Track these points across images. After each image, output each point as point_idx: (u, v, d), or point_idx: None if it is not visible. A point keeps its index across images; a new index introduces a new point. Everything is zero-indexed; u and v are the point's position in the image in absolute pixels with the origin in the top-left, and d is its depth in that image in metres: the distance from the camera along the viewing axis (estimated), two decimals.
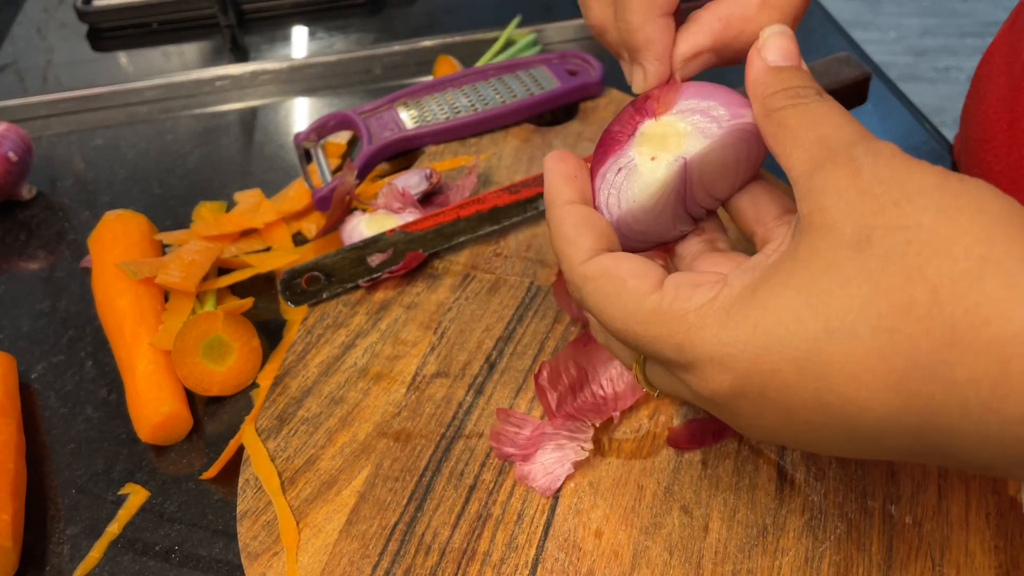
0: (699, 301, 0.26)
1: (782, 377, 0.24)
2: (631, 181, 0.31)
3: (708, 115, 0.30)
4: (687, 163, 0.30)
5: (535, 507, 0.36)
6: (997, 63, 0.52)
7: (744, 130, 0.30)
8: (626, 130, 0.31)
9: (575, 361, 0.39)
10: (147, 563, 0.38)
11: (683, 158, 0.30)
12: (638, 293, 0.28)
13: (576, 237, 0.30)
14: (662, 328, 0.27)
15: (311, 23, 0.78)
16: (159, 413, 0.41)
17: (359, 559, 0.35)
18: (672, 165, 0.30)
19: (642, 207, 0.31)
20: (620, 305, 0.28)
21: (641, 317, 0.27)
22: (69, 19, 0.81)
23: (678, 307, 0.26)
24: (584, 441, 0.37)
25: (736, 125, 0.30)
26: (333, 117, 0.56)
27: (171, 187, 0.59)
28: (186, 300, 0.45)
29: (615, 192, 0.31)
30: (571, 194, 0.31)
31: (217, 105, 0.68)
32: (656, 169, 0.30)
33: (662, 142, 0.30)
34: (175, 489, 0.41)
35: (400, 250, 0.47)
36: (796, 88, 0.28)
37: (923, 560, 0.33)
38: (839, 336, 0.23)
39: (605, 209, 0.31)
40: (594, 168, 0.32)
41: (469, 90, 0.58)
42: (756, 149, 0.31)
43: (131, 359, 0.44)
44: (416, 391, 0.41)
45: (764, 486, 0.36)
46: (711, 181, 0.31)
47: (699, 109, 0.30)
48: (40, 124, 0.67)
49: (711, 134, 0.30)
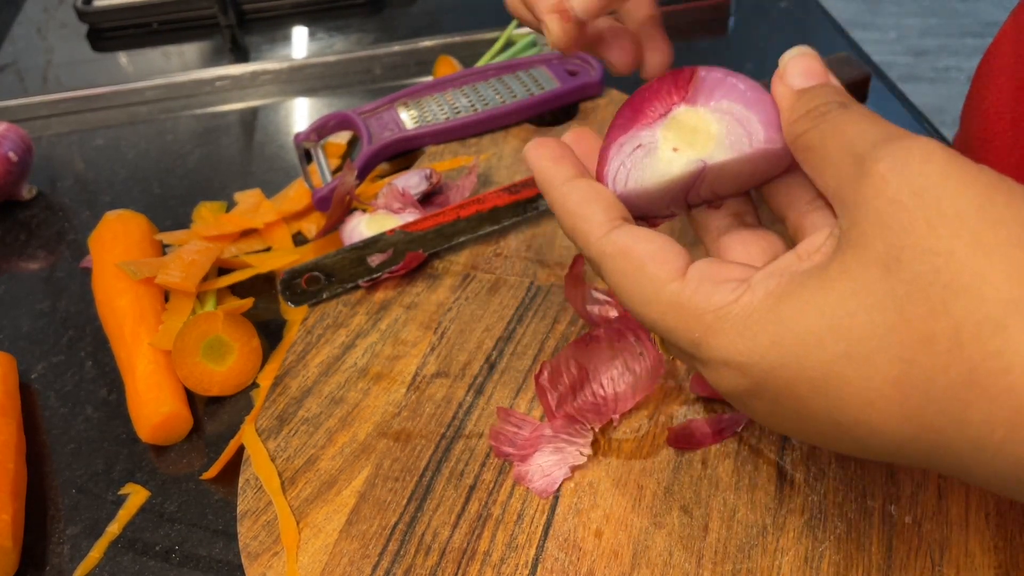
0: (719, 302, 0.26)
1: (796, 392, 0.24)
2: (645, 164, 0.30)
3: (744, 128, 0.29)
4: (705, 168, 0.29)
5: (535, 507, 0.36)
6: (997, 63, 0.52)
7: (772, 154, 0.29)
8: (658, 106, 0.30)
9: (576, 361, 0.39)
10: (147, 563, 0.38)
11: (704, 162, 0.29)
12: (657, 280, 0.27)
13: (587, 211, 0.29)
14: (679, 321, 0.26)
15: (311, 23, 0.78)
16: (159, 413, 0.41)
17: (359, 559, 0.35)
18: (691, 164, 0.29)
19: (645, 191, 0.30)
20: (638, 289, 0.27)
21: (658, 306, 0.27)
22: (69, 19, 0.81)
23: (697, 304, 0.26)
24: (583, 446, 0.37)
25: (764, 150, 0.29)
26: (333, 117, 0.56)
27: (171, 187, 0.59)
28: (186, 300, 0.45)
29: (625, 169, 0.30)
30: (566, 172, 0.30)
31: (217, 105, 0.68)
32: (674, 162, 0.30)
33: (691, 136, 0.30)
34: (175, 489, 0.41)
35: (400, 250, 0.47)
36: (817, 107, 0.27)
37: (923, 560, 0.33)
38: (857, 362, 0.23)
39: (610, 180, 0.31)
40: (613, 132, 0.31)
41: (469, 90, 0.58)
42: (777, 168, 0.30)
43: (131, 359, 0.44)
44: (416, 391, 0.41)
45: (764, 486, 0.36)
46: (720, 185, 0.31)
47: (738, 117, 0.29)
48: (40, 124, 0.67)
49: (740, 150, 0.29)
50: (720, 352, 0.25)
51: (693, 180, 0.30)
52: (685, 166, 0.29)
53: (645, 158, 0.30)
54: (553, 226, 0.49)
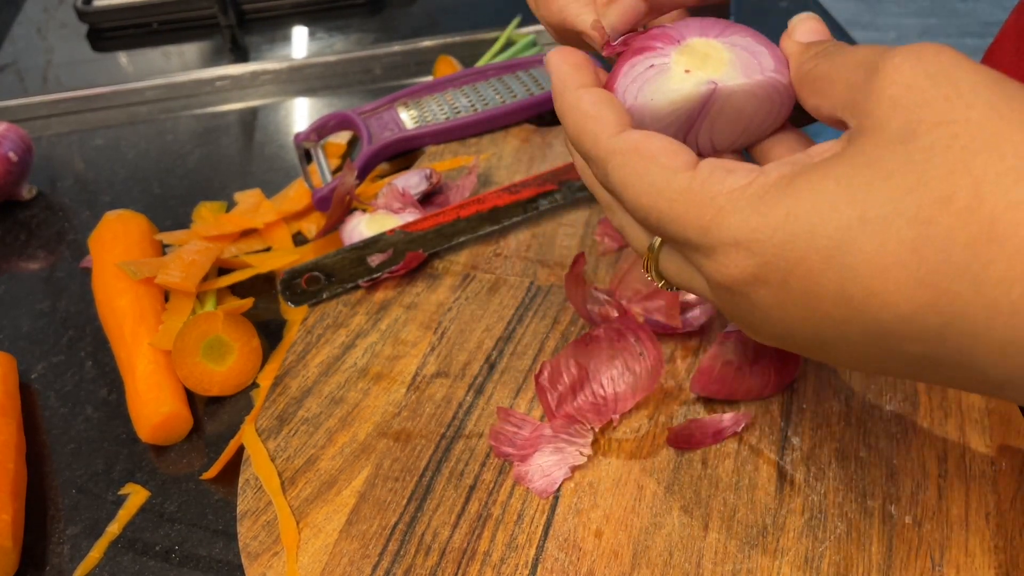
0: (732, 185, 0.25)
1: (808, 265, 0.24)
2: (657, 81, 0.30)
3: (755, 58, 0.30)
4: (716, 91, 0.29)
5: (535, 507, 0.36)
6: (997, 63, 0.52)
7: (777, 88, 0.29)
8: (672, 35, 0.31)
9: (576, 361, 0.39)
10: (147, 563, 0.38)
11: (715, 83, 0.29)
12: (669, 169, 0.27)
13: (599, 113, 0.29)
14: (689, 208, 0.26)
15: (311, 23, 0.78)
16: (159, 413, 0.41)
17: (359, 559, 0.35)
18: (701, 85, 0.29)
19: (652, 109, 0.30)
20: (648, 180, 0.27)
21: (669, 194, 0.26)
22: (69, 19, 0.81)
23: (709, 188, 0.26)
24: (583, 446, 0.37)
25: (774, 79, 0.29)
26: (333, 117, 0.56)
27: (171, 187, 0.59)
28: (186, 300, 0.45)
29: (636, 85, 0.30)
30: (584, 78, 0.30)
31: (217, 105, 0.68)
32: (685, 82, 0.30)
33: (703, 60, 0.30)
34: (175, 489, 0.41)
35: (400, 250, 0.47)
36: (825, 47, 0.28)
37: (923, 560, 0.33)
38: (873, 226, 0.23)
39: (620, 94, 0.30)
40: (624, 57, 0.31)
41: (469, 90, 0.58)
42: (777, 113, 0.30)
43: (131, 359, 0.44)
44: (416, 391, 0.41)
45: (764, 486, 0.36)
46: (722, 125, 0.30)
47: (749, 49, 0.30)
48: (40, 124, 0.67)
49: (750, 75, 0.29)
50: (731, 231, 0.25)
51: (700, 107, 0.30)
52: (696, 86, 0.29)
53: (657, 76, 0.30)
54: (553, 226, 0.49)
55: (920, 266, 0.22)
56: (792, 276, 0.24)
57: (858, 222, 0.23)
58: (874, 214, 0.23)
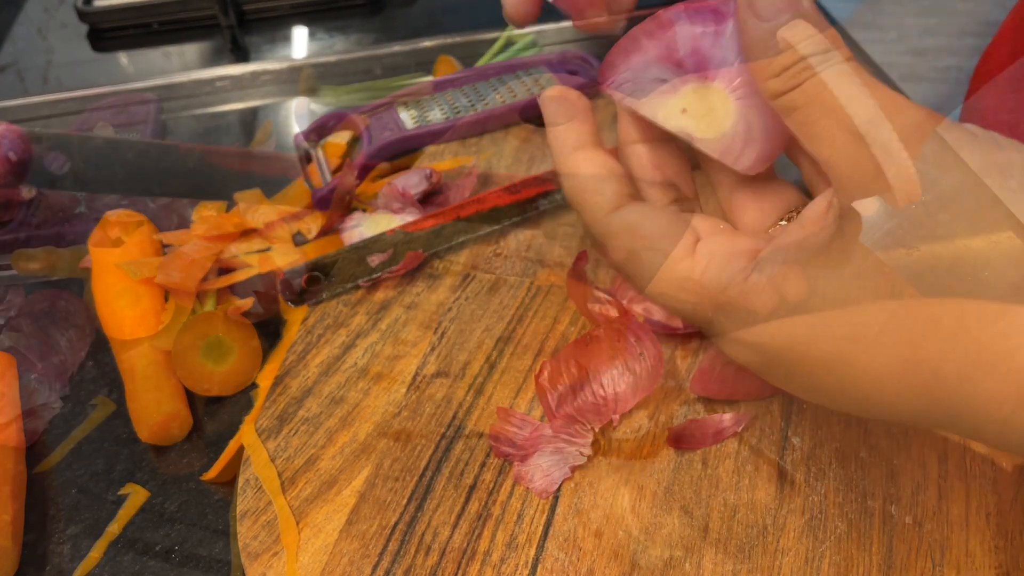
0: (728, 281, 0.26)
1: (807, 368, 0.25)
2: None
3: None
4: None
5: (535, 507, 0.36)
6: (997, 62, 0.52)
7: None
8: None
9: (576, 361, 0.39)
10: (147, 563, 0.38)
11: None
12: (668, 257, 0.27)
13: (597, 185, 0.29)
14: (691, 296, 0.27)
15: (311, 23, 0.78)
16: (159, 413, 0.41)
17: (359, 559, 0.35)
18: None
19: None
20: (649, 266, 0.28)
21: (671, 283, 0.27)
22: (69, 19, 0.81)
23: (708, 282, 0.27)
24: (583, 446, 0.37)
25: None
26: (333, 117, 0.56)
27: (171, 187, 0.59)
28: (186, 300, 0.45)
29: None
30: (579, 137, 0.30)
31: (217, 105, 0.68)
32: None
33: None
34: (175, 489, 0.40)
35: (400, 250, 0.47)
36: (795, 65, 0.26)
37: (923, 560, 0.33)
38: (864, 345, 0.23)
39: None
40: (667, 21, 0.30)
41: (469, 90, 0.58)
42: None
43: (131, 359, 0.44)
44: (416, 391, 0.41)
45: (764, 486, 0.36)
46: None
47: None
48: (40, 124, 0.67)
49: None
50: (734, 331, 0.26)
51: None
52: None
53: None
54: (553, 226, 0.49)
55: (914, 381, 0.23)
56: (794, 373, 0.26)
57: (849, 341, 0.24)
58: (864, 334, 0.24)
